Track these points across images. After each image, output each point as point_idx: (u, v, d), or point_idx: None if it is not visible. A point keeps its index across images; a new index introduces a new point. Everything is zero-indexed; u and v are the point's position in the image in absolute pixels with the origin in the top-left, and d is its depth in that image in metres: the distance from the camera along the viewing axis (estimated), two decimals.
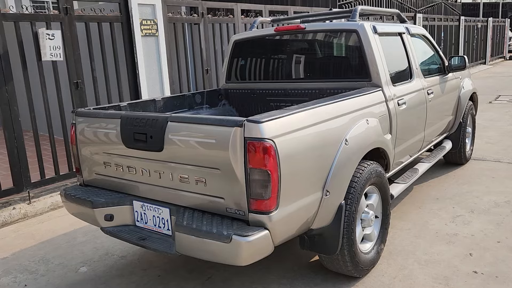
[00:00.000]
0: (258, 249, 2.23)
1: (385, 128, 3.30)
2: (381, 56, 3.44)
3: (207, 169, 2.36)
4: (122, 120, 2.70)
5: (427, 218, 4.00)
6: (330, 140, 2.62)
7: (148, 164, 2.63)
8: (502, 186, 4.68)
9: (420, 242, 3.56)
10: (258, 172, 2.19)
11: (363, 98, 3.04)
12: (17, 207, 4.65)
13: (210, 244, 2.23)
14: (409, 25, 4.26)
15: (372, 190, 3.15)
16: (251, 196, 2.23)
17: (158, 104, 3.66)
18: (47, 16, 4.84)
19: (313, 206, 2.55)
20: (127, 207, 2.80)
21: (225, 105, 4.24)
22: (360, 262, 2.93)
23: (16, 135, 4.64)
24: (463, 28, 17.68)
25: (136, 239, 2.65)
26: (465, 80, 5.32)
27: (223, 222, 2.32)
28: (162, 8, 5.94)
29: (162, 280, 3.19)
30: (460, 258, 3.27)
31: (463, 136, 5.19)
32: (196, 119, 2.41)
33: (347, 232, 2.76)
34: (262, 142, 2.16)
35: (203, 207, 2.46)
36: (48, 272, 3.43)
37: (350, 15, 3.58)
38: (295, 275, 3.15)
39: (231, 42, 4.20)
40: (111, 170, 2.88)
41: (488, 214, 4.01)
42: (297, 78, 3.84)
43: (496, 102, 10.40)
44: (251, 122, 2.18)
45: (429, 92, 4.14)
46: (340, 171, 2.67)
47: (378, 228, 3.24)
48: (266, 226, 2.23)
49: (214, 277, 3.18)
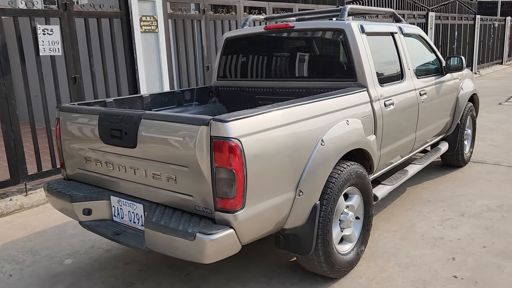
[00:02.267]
0: (222, 247, 2.25)
1: (369, 129, 3.27)
2: (368, 56, 3.41)
3: (176, 167, 2.37)
4: (100, 116, 2.73)
5: (415, 220, 3.96)
6: (304, 141, 2.60)
7: (124, 160, 2.66)
8: (498, 190, 4.60)
9: (404, 244, 3.52)
10: (223, 171, 2.19)
11: (343, 98, 3.02)
12: (13, 199, 4.76)
13: (176, 241, 2.25)
14: (403, 25, 4.21)
15: (353, 191, 3.12)
16: (217, 194, 2.24)
17: (145, 100, 3.69)
18: (46, 11, 4.92)
19: (285, 206, 2.55)
20: (105, 202, 2.84)
21: (215, 102, 4.25)
22: (337, 263, 2.92)
23: (13, 128, 4.73)
24: (479, 27, 17.35)
25: (111, 233, 2.69)
26: (465, 81, 5.23)
27: (191, 220, 2.34)
28: (163, 4, 5.97)
29: (142, 275, 3.23)
30: (442, 262, 3.23)
31: (460, 138, 5.11)
32: (166, 116, 2.43)
33: (322, 233, 2.75)
34: (228, 141, 2.17)
35: (174, 204, 2.48)
36: (34, 263, 3.50)
37: (339, 14, 3.55)
38: (273, 274, 3.15)
39: (223, 39, 4.21)
40: (91, 165, 2.92)
41: (479, 218, 3.95)
42: (286, 76, 3.83)
43: (506, 103, 10.20)
44: (218, 121, 2.18)
45: (421, 93, 4.08)
46: (315, 171, 2.66)
47: (359, 230, 3.22)
48: (231, 225, 2.24)
49: (192, 274, 3.20)
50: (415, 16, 12.75)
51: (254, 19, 4.25)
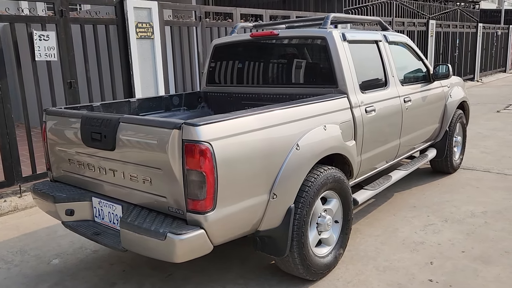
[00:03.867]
0: (193, 247, 2.32)
1: (348, 135, 3.33)
2: (349, 63, 3.48)
3: (151, 169, 2.46)
4: (82, 120, 2.83)
5: (398, 225, 4.01)
6: (279, 145, 2.68)
7: (104, 162, 2.75)
8: (484, 197, 4.63)
9: (385, 248, 3.57)
10: (194, 173, 2.27)
11: (321, 104, 3.09)
12: (8, 200, 4.86)
13: (149, 240, 2.33)
14: (389, 33, 4.28)
15: (331, 195, 3.19)
16: (188, 196, 2.31)
17: (133, 105, 3.78)
18: (42, 18, 5.05)
19: (259, 208, 2.62)
20: (87, 203, 2.92)
21: (204, 107, 4.34)
22: (313, 265, 2.98)
23: (8, 131, 4.84)
24: (481, 35, 17.36)
25: (90, 233, 2.77)
26: (454, 89, 5.28)
27: (164, 221, 2.41)
28: (159, 11, 6.09)
29: (126, 275, 3.31)
30: (420, 266, 3.28)
31: (449, 145, 5.15)
32: (142, 120, 2.53)
33: (297, 235, 2.82)
34: (199, 145, 2.25)
35: (150, 206, 2.56)
36: (22, 263, 3.59)
37: (322, 23, 3.63)
38: (253, 276, 3.21)
39: (211, 46, 4.30)
40: (75, 167, 3.01)
41: (462, 224, 3.99)
42: (271, 83, 3.92)
43: (504, 111, 10.22)
44: (189, 125, 2.26)
45: (406, 100, 4.14)
46: (289, 175, 2.73)
47: (337, 233, 3.28)
48: (202, 226, 2.32)
49: (174, 275, 3.28)
50: (416, 24, 12.80)
51: (242, 27, 4.35)
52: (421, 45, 13.21)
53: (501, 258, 3.35)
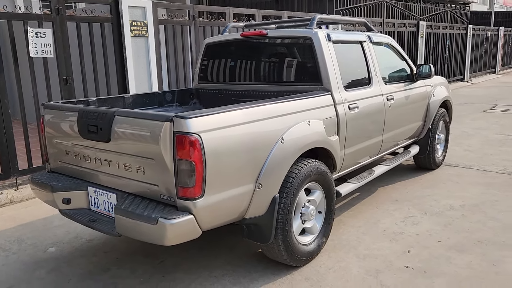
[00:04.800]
0: (182, 231, 2.50)
1: (332, 130, 3.52)
2: (333, 62, 3.67)
3: (144, 159, 2.63)
4: (79, 113, 2.99)
5: (380, 217, 4.21)
6: (264, 138, 2.86)
7: (99, 153, 2.91)
8: (463, 191, 4.85)
9: (366, 238, 3.77)
10: (184, 163, 2.45)
11: (305, 101, 3.28)
12: (4, 193, 5.00)
13: (141, 225, 2.51)
14: (373, 34, 4.48)
15: (315, 186, 3.38)
16: (179, 184, 2.49)
17: (127, 100, 3.95)
18: (39, 15, 5.19)
19: (245, 197, 2.80)
20: (83, 192, 3.09)
21: (195, 104, 4.51)
22: (296, 252, 3.17)
23: (5, 126, 4.99)
24: (471, 37, 17.65)
25: (86, 220, 2.94)
26: (437, 88, 5.49)
27: (156, 207, 2.59)
28: (153, 10, 6.25)
29: (119, 262, 3.48)
30: (398, 254, 3.48)
31: (432, 142, 5.36)
32: (136, 113, 2.70)
33: (282, 223, 3.00)
34: (189, 136, 2.43)
35: (143, 194, 2.73)
36: (20, 251, 3.75)
37: (308, 23, 3.82)
38: (240, 263, 3.40)
39: (203, 44, 4.48)
40: (71, 158, 3.18)
41: (440, 216, 4.20)
42: (259, 80, 4.10)
43: (490, 111, 10.47)
44: (180, 118, 2.44)
45: (388, 98, 4.34)
46: (274, 166, 2.91)
47: (321, 223, 3.47)
48: (191, 211, 2.50)
49: (166, 261, 3.45)
50: (406, 25, 13.04)
51: (234, 26, 4.52)
52: (411, 45, 13.46)
53: (474, 247, 3.56)
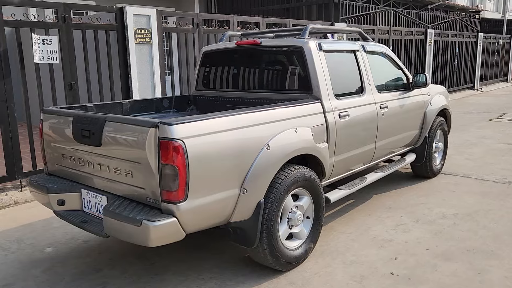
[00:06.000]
0: (166, 233, 2.60)
1: (321, 137, 3.60)
2: (324, 71, 3.75)
3: (132, 163, 2.74)
4: (74, 118, 3.12)
5: (372, 224, 4.25)
6: (250, 144, 2.95)
7: (92, 157, 3.03)
8: (458, 200, 4.86)
9: (354, 245, 3.82)
10: (168, 167, 2.55)
11: (293, 109, 3.36)
12: (9, 194, 5.17)
13: (127, 226, 2.61)
14: (367, 43, 4.55)
15: (303, 192, 3.45)
16: (163, 187, 2.59)
17: (124, 106, 4.08)
18: (45, 23, 5.38)
19: (230, 201, 2.89)
20: (77, 194, 3.21)
21: (193, 110, 4.63)
22: (282, 256, 3.24)
23: (11, 129, 5.16)
24: (481, 45, 17.56)
25: (78, 221, 3.06)
26: (435, 97, 5.52)
27: (142, 210, 2.69)
28: (157, 18, 6.40)
29: (111, 263, 3.59)
30: (385, 261, 3.53)
31: (428, 150, 5.39)
32: (125, 119, 2.81)
33: (267, 228, 3.08)
34: (172, 142, 2.53)
35: (131, 196, 2.84)
36: (19, 250, 3.88)
37: (301, 33, 3.91)
38: (228, 266, 3.48)
39: (201, 52, 4.60)
40: (67, 161, 3.31)
41: (431, 224, 4.23)
42: (253, 88, 4.20)
43: (497, 120, 10.41)
44: (164, 124, 2.55)
45: (382, 106, 4.40)
46: (260, 172, 3.00)
47: (309, 228, 3.54)
48: (174, 214, 2.59)
49: (156, 263, 3.55)
50: (414, 33, 13.05)
51: (231, 35, 4.63)
52: (419, 54, 13.46)
53: (462, 255, 3.59)
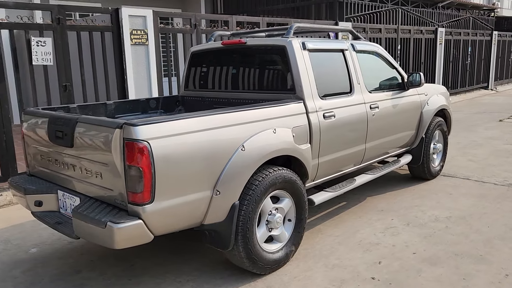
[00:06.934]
0: (131, 235, 2.56)
1: (303, 138, 3.52)
2: (307, 70, 3.68)
3: (101, 165, 2.71)
4: (49, 119, 3.11)
5: (361, 227, 4.15)
6: (222, 146, 2.89)
7: (66, 158, 3.02)
8: (453, 203, 4.72)
9: (340, 248, 3.73)
10: (133, 169, 2.52)
11: (272, 109, 3.30)
12: (4, 194, 5.21)
13: (93, 228, 2.58)
14: (358, 42, 4.45)
15: (283, 194, 3.38)
16: (129, 189, 2.56)
17: (109, 107, 4.06)
18: (40, 25, 5.42)
19: (201, 203, 2.84)
20: (53, 195, 3.20)
21: (181, 110, 4.59)
22: (260, 260, 3.17)
23: (5, 130, 5.21)
24: (496, 43, 17.17)
25: (53, 223, 3.04)
26: (433, 97, 5.38)
27: (111, 211, 2.66)
28: (153, 19, 6.40)
29: (92, 264, 3.57)
30: (368, 265, 3.43)
31: (425, 152, 5.25)
32: (93, 120, 2.79)
33: (242, 230, 3.02)
34: (137, 143, 2.49)
35: (101, 198, 2.82)
36: (4, 251, 3.90)
37: (285, 32, 3.84)
38: (208, 269, 3.43)
39: (189, 52, 4.56)
40: (44, 162, 3.30)
41: (422, 227, 4.11)
42: (239, 88, 4.14)
43: (507, 120, 10.14)
44: (129, 125, 2.51)
45: (372, 106, 4.30)
46: (234, 174, 2.94)
47: (290, 231, 3.46)
48: (140, 216, 2.55)
49: (136, 265, 3.52)
50: (423, 32, 12.82)
51: (219, 35, 4.58)
52: (429, 53, 13.21)
53: (449, 260, 3.47)
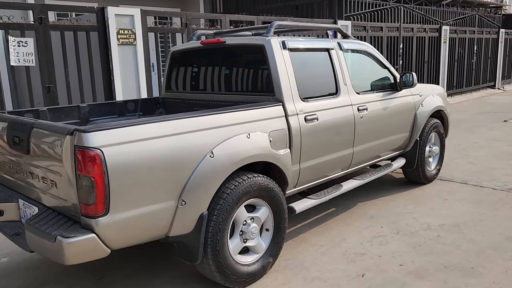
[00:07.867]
0: (83, 250, 2.37)
1: (281, 143, 3.31)
2: (287, 71, 3.46)
3: (54, 173, 2.53)
4: (8, 124, 2.94)
5: (347, 236, 3.93)
6: (187, 153, 2.69)
7: (23, 165, 2.84)
8: (448, 209, 4.48)
9: (323, 259, 3.52)
10: (84, 179, 2.33)
11: (246, 112, 3.09)
12: None
13: (43, 242, 2.40)
14: (346, 41, 4.23)
15: (260, 203, 3.17)
16: (80, 200, 2.37)
17: (83, 110, 3.89)
18: (21, 25, 5.26)
19: (164, 214, 2.64)
20: (14, 204, 3.02)
21: (161, 113, 4.40)
22: (232, 273, 2.97)
23: None
24: (503, 41, 16.77)
25: (11, 234, 2.87)
26: (428, 98, 5.13)
27: (64, 224, 2.48)
28: (141, 18, 6.22)
29: (60, 276, 3.40)
30: (350, 278, 3.22)
31: (420, 155, 5.01)
32: (45, 125, 2.60)
33: (212, 242, 2.82)
34: (88, 151, 2.30)
35: (58, 208, 2.63)
36: None
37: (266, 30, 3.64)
38: (180, 282, 3.23)
39: (169, 53, 4.37)
40: (7, 169, 3.13)
41: (413, 236, 3.88)
42: (218, 90, 3.94)
43: (511, 121, 9.83)
44: (80, 132, 2.32)
45: (360, 108, 4.07)
46: (201, 182, 2.74)
47: (267, 242, 3.26)
48: (93, 230, 2.36)
49: (105, 278, 3.34)
50: (426, 30, 12.52)
51: (201, 34, 4.38)
52: (432, 51, 12.90)
53: (437, 272, 3.25)
